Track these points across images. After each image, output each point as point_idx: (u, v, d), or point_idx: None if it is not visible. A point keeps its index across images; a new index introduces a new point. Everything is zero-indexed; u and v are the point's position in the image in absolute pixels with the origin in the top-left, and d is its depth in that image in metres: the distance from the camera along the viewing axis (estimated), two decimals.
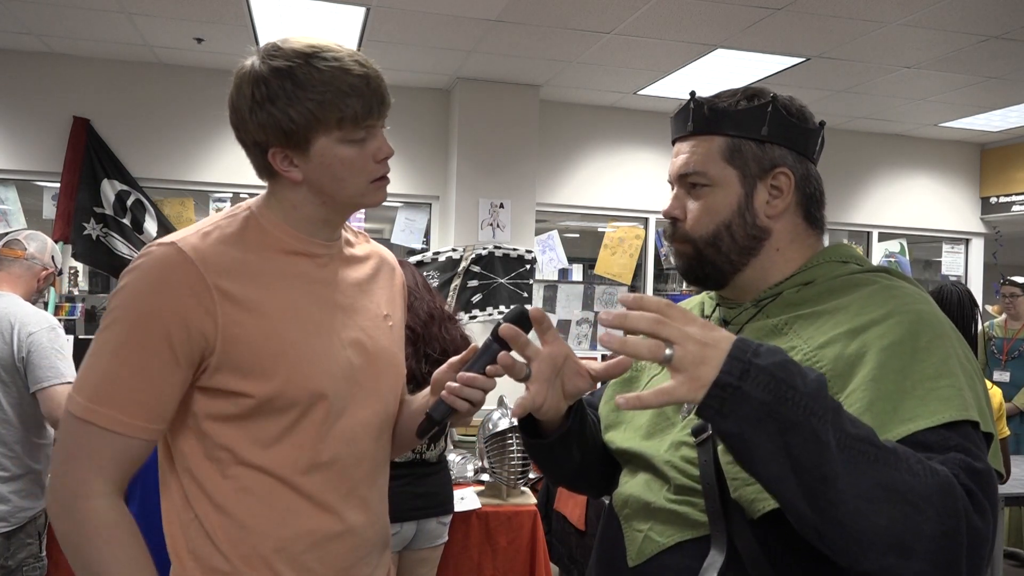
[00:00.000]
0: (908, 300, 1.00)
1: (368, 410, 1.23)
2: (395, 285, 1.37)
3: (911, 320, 0.96)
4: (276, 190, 1.19)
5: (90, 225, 4.84)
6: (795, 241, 1.11)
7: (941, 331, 0.97)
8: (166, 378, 1.08)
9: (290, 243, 1.18)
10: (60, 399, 2.33)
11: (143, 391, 1.07)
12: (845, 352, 0.96)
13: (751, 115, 1.08)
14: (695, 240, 1.10)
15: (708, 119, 1.10)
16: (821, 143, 1.14)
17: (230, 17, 4.19)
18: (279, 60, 1.10)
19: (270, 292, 1.14)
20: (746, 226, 1.09)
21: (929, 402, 0.91)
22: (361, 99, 1.10)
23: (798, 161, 1.10)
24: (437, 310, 2.48)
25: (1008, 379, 4.83)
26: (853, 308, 1.00)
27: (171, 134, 5.06)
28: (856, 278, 1.06)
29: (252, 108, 1.10)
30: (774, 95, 1.09)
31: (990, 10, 3.73)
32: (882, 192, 6.43)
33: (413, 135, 5.35)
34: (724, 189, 1.09)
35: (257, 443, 1.13)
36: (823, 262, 1.10)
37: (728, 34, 4.18)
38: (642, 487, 1.11)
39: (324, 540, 1.18)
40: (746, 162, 1.08)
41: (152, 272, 1.08)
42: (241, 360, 1.10)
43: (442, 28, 4.24)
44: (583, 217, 6.05)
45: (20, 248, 2.54)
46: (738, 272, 1.11)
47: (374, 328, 1.26)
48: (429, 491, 2.53)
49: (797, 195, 1.10)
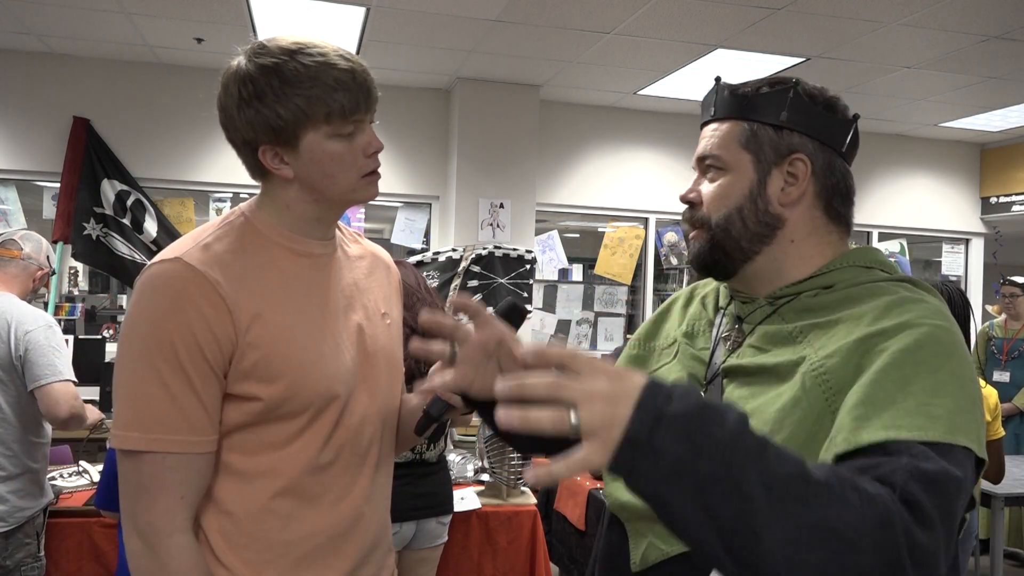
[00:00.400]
0: (925, 314, 0.95)
1: (370, 409, 1.24)
2: (391, 283, 1.37)
3: (923, 334, 0.92)
4: (269, 190, 1.19)
5: (90, 225, 4.84)
6: (813, 235, 1.07)
7: (951, 351, 0.92)
8: (209, 389, 1.09)
9: (287, 245, 1.18)
10: (57, 396, 2.33)
11: (195, 407, 1.08)
12: (851, 362, 0.93)
13: (771, 100, 1.06)
14: (708, 223, 1.08)
15: (729, 104, 1.09)
16: (854, 137, 1.10)
17: (230, 17, 4.19)
18: (265, 58, 1.10)
19: (274, 297, 1.14)
20: (758, 212, 1.05)
21: (917, 416, 0.87)
22: (348, 93, 1.10)
23: (819, 150, 1.06)
24: (435, 308, 2.50)
25: (1008, 379, 4.83)
26: (867, 319, 0.96)
27: (171, 134, 5.07)
28: (878, 287, 1.01)
29: (240, 106, 1.11)
30: (797, 82, 1.06)
31: (990, 10, 3.73)
32: (882, 192, 6.43)
33: (413, 135, 5.35)
34: (737, 174, 1.06)
35: (266, 447, 1.14)
36: (846, 266, 1.05)
37: (728, 34, 4.18)
38: None
39: (327, 541, 1.18)
40: (761, 147, 1.06)
41: (167, 291, 1.08)
42: (254, 367, 1.10)
43: (442, 28, 4.24)
44: (583, 217, 6.05)
45: (16, 248, 2.54)
46: (749, 260, 1.07)
47: (373, 326, 1.27)
48: (429, 491, 2.53)
49: (815, 185, 1.06)
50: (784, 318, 1.05)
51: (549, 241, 5.81)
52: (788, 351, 0.99)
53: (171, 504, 1.07)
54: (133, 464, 1.07)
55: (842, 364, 0.93)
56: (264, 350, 1.10)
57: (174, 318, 1.06)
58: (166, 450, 1.06)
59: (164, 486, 1.06)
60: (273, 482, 1.14)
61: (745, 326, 1.09)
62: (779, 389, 0.97)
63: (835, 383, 0.92)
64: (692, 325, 1.19)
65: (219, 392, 1.10)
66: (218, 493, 1.14)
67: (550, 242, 5.81)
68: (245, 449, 1.13)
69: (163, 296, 1.08)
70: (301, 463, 1.15)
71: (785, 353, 1.00)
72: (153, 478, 1.06)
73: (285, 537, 1.14)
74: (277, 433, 1.13)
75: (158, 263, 1.11)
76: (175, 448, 1.06)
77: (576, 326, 5.92)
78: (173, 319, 1.06)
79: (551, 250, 5.82)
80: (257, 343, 1.10)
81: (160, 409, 1.06)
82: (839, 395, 0.91)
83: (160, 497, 1.06)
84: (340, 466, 1.19)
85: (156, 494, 1.06)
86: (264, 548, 1.14)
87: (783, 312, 1.05)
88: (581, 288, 5.94)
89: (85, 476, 2.97)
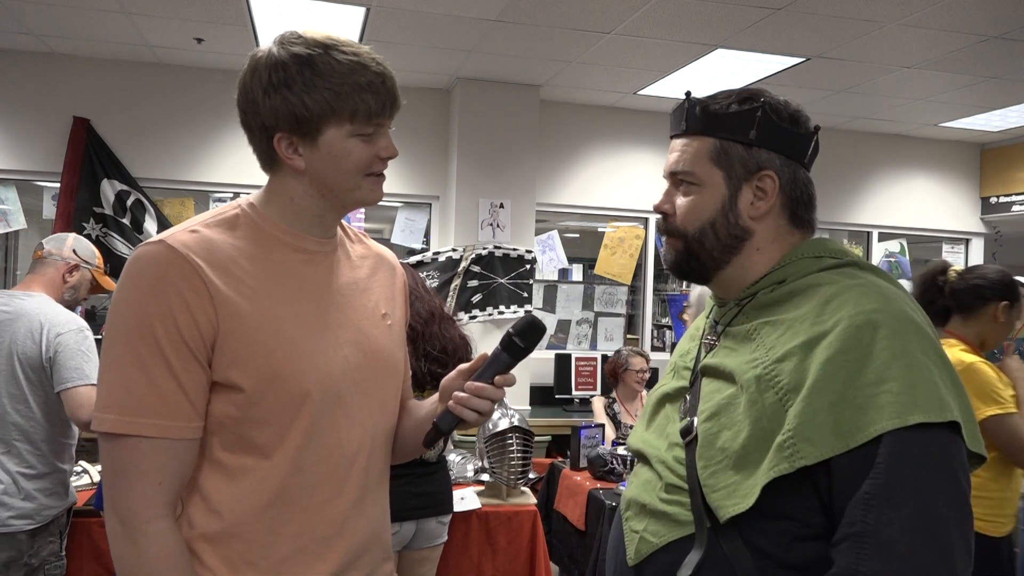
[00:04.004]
0: (863, 302, 0.99)
1: (364, 410, 1.21)
2: (396, 284, 1.36)
3: (860, 324, 0.96)
4: (276, 181, 1.19)
5: (90, 225, 4.84)
6: (776, 242, 1.13)
7: (893, 329, 0.95)
8: (190, 374, 1.07)
9: (282, 238, 1.17)
10: (82, 400, 2.35)
11: (174, 391, 1.07)
12: (798, 365, 0.98)
13: (741, 119, 1.11)
14: (683, 235, 1.15)
15: (700, 120, 1.14)
16: (815, 148, 1.15)
17: (230, 17, 4.19)
18: (299, 47, 1.11)
19: (263, 288, 1.13)
20: (729, 226, 1.12)
21: (867, 411, 0.92)
22: (376, 96, 1.11)
23: (785, 165, 1.12)
24: (438, 309, 2.54)
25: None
26: (810, 317, 1.01)
27: (171, 134, 5.07)
28: (820, 277, 1.07)
29: (267, 91, 1.10)
30: (765, 100, 1.11)
31: (990, 10, 3.73)
32: (882, 192, 6.43)
33: (413, 135, 5.35)
34: (710, 189, 1.12)
35: (252, 446, 1.12)
36: (796, 259, 1.11)
37: (728, 34, 4.18)
38: (641, 488, 1.16)
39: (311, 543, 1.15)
40: (732, 164, 1.11)
41: (149, 272, 1.07)
42: (237, 355, 1.09)
43: (442, 28, 4.24)
44: (583, 217, 6.05)
45: (40, 249, 2.60)
46: (720, 269, 1.15)
47: (371, 327, 1.25)
48: (428, 491, 2.53)
49: (782, 198, 1.12)
50: (747, 317, 1.12)
51: (549, 241, 5.81)
52: (747, 350, 1.06)
53: (148, 489, 1.06)
54: (111, 447, 1.06)
55: (792, 368, 0.98)
56: (248, 338, 1.09)
57: (154, 300, 1.06)
58: (141, 433, 1.05)
59: (141, 471, 1.05)
60: (259, 481, 1.12)
61: (719, 328, 1.18)
62: (736, 389, 1.05)
63: (787, 383, 0.98)
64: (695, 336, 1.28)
65: (202, 378, 1.09)
66: (204, 490, 1.12)
67: (550, 242, 5.81)
68: (231, 446, 1.12)
69: (144, 278, 1.07)
70: (287, 462, 1.13)
71: (744, 353, 1.07)
72: (130, 463, 1.05)
73: (268, 538, 1.13)
74: (263, 429, 1.12)
75: (143, 246, 1.10)
76: (151, 432, 1.05)
77: (576, 326, 5.92)
78: (153, 301, 1.06)
79: (551, 250, 5.82)
80: (240, 331, 1.09)
81: (138, 392, 1.05)
82: (793, 392, 0.97)
83: (137, 482, 1.05)
84: (327, 467, 1.16)
85: (133, 479, 1.05)
86: (246, 548, 1.12)
87: (747, 311, 1.13)
88: (581, 288, 5.95)
89: (85, 476, 2.97)
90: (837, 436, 0.92)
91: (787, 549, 0.97)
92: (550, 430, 4.91)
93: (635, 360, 4.18)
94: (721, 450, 1.02)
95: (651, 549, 1.08)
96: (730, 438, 1.01)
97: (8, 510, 2.32)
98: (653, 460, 1.15)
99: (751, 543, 0.99)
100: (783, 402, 0.97)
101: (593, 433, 3.64)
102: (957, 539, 0.90)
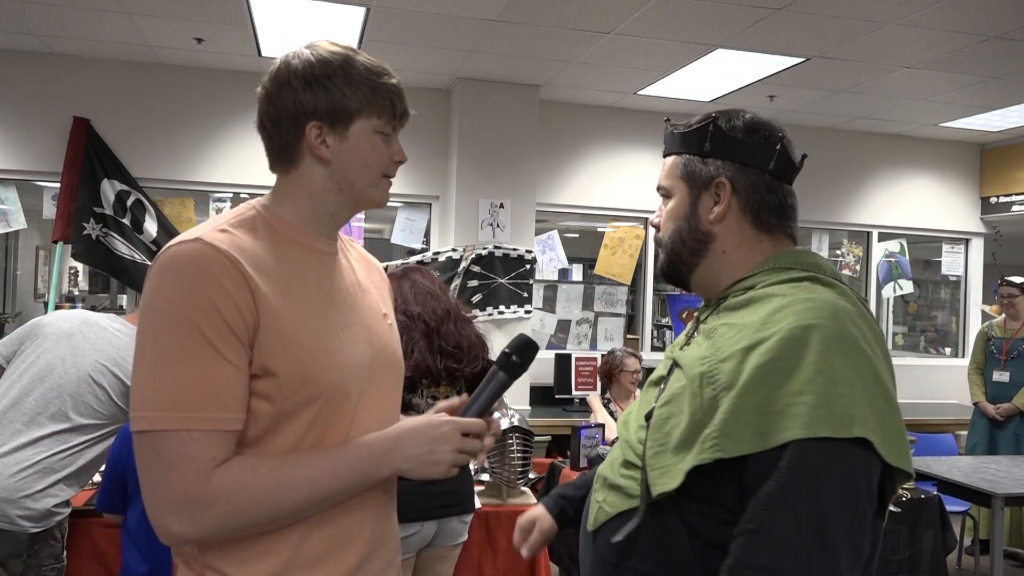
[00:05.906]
0: (805, 316, 1.06)
1: (378, 405, 1.25)
2: (385, 287, 1.43)
3: (796, 337, 1.04)
4: (293, 176, 1.21)
5: (90, 225, 4.84)
6: (743, 246, 1.24)
7: (826, 345, 1.03)
8: (241, 363, 1.08)
9: (297, 239, 1.20)
10: None
11: (228, 381, 1.07)
12: (736, 367, 1.07)
13: (697, 134, 1.26)
14: (663, 243, 1.30)
15: (671, 141, 1.31)
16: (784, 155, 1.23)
17: (230, 17, 4.19)
18: (332, 50, 1.19)
19: (287, 286, 1.15)
20: (692, 231, 1.25)
21: (783, 418, 1.01)
22: (400, 100, 1.24)
23: (740, 172, 1.22)
24: (454, 308, 2.57)
25: (1008, 379, 4.84)
26: (757, 324, 1.10)
27: (171, 134, 5.07)
28: (780, 288, 1.15)
29: (309, 81, 1.16)
30: (716, 115, 1.24)
31: (990, 10, 3.73)
32: (882, 192, 6.44)
33: (413, 135, 5.35)
34: (677, 199, 1.28)
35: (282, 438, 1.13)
36: (765, 269, 1.21)
37: (728, 34, 4.18)
38: (608, 464, 1.30)
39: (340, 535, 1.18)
40: (692, 175, 1.26)
41: (190, 268, 1.07)
42: (273, 348, 1.10)
43: (442, 28, 4.24)
44: (583, 217, 6.05)
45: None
46: (692, 272, 1.28)
47: (377, 325, 1.29)
48: (449, 489, 2.49)
49: (739, 201, 1.23)
50: (717, 316, 1.21)
51: (549, 241, 5.81)
52: (705, 347, 1.15)
53: (204, 467, 1.05)
54: (158, 442, 1.04)
55: (730, 368, 1.07)
56: (284, 333, 1.11)
57: (201, 294, 1.06)
58: (196, 427, 1.04)
59: (192, 457, 1.04)
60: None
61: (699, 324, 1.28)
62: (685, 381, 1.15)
63: (723, 382, 1.07)
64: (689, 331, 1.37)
65: (247, 368, 1.09)
66: None
67: (550, 242, 5.81)
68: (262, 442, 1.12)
69: (186, 274, 1.07)
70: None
71: (701, 350, 1.16)
72: (180, 454, 1.04)
73: (281, 536, 1.13)
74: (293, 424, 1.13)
75: (177, 244, 1.11)
76: (206, 426, 1.05)
77: (576, 326, 5.93)
78: (201, 295, 1.06)
79: (551, 250, 5.82)
80: (276, 325, 1.11)
81: (201, 389, 1.05)
82: (726, 391, 1.06)
83: (189, 466, 1.04)
84: None
85: (186, 466, 1.04)
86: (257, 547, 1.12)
87: (719, 311, 1.22)
88: (581, 288, 5.95)
89: None
90: (754, 437, 1.02)
91: (715, 530, 1.08)
92: (550, 430, 4.91)
93: (629, 361, 4.19)
94: (666, 434, 1.12)
95: (605, 518, 1.22)
96: (675, 425, 1.12)
97: (17, 507, 2.32)
98: (622, 439, 1.28)
99: (687, 523, 1.10)
100: (716, 398, 1.06)
101: (593, 433, 3.64)
102: (845, 547, 0.99)
